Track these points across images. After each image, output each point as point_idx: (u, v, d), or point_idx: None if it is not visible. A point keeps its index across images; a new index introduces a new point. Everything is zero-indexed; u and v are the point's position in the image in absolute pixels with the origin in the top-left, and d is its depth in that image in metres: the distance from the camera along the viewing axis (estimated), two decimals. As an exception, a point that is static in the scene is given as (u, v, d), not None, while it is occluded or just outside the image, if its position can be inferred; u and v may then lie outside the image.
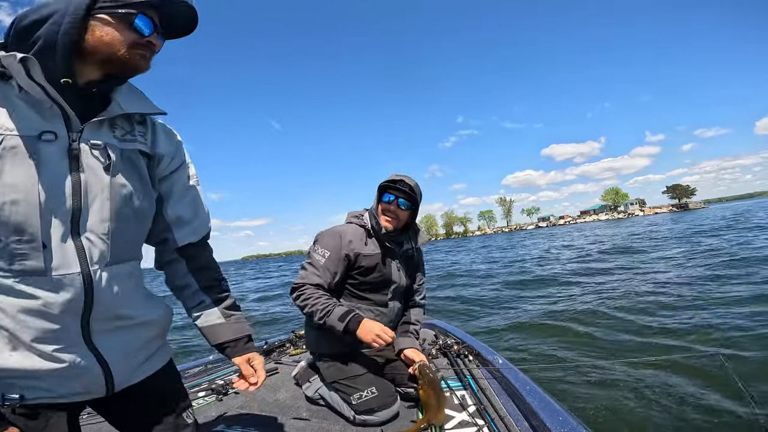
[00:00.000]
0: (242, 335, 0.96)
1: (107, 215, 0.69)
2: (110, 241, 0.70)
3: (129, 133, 0.76)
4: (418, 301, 1.91)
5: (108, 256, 0.71)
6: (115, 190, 0.70)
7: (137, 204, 0.75)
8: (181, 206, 0.88)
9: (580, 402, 2.67)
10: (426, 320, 2.93)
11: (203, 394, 1.89)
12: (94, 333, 0.71)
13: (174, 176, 0.87)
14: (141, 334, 0.81)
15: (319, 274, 1.57)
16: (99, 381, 0.73)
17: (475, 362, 1.93)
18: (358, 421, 1.46)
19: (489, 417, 1.35)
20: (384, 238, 1.66)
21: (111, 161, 0.70)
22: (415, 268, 1.86)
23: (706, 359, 3.00)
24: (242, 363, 0.96)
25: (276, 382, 2.04)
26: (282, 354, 2.61)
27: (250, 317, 8.33)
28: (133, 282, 0.79)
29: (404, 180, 1.65)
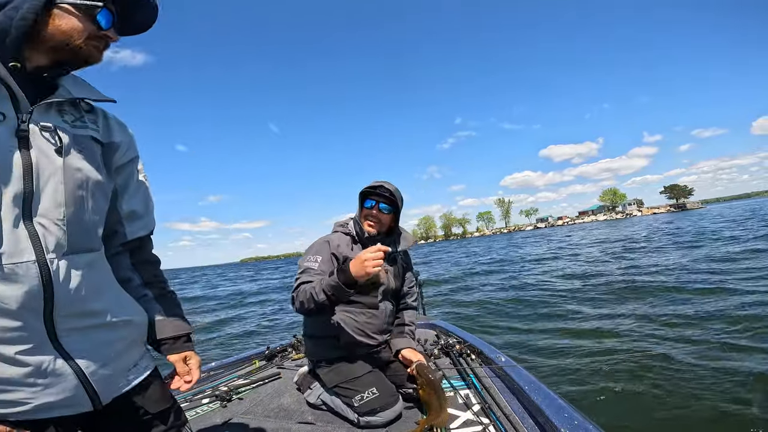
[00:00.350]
0: (182, 333, 0.93)
1: (62, 199, 0.65)
2: (66, 227, 0.66)
3: (78, 119, 0.74)
4: (410, 303, 1.93)
5: (65, 244, 0.66)
6: (69, 174, 0.67)
7: (94, 190, 0.72)
8: (136, 201, 0.88)
9: (586, 398, 2.66)
10: (427, 321, 2.93)
11: (207, 401, 1.88)
12: (61, 332, 0.66)
13: (128, 168, 0.86)
14: (117, 335, 0.76)
15: (312, 276, 1.59)
16: (78, 390, 0.68)
17: (477, 361, 1.93)
18: (362, 423, 1.46)
19: (494, 415, 1.35)
20: (369, 242, 1.69)
21: (63, 144, 0.67)
22: (403, 270, 1.89)
23: (714, 351, 3.01)
24: (178, 361, 0.92)
25: (279, 387, 2.03)
26: (284, 359, 2.60)
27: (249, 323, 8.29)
28: (98, 275, 0.74)
29: (384, 185, 1.70)
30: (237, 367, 2.51)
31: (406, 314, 1.90)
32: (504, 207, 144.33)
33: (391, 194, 1.68)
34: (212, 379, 2.27)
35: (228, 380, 2.24)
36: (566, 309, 5.80)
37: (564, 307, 5.89)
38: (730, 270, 6.99)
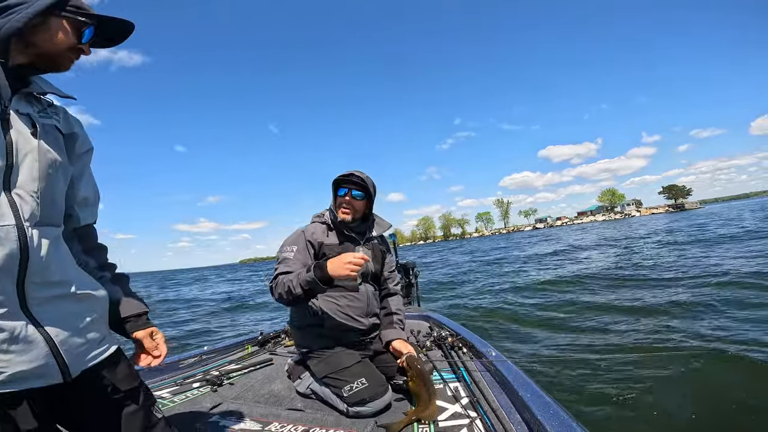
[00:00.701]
0: (143, 311, 0.98)
1: (36, 175, 0.73)
2: (39, 200, 0.73)
3: (43, 111, 0.82)
4: (392, 288, 1.96)
5: (38, 215, 0.73)
6: (42, 153, 0.75)
7: (60, 171, 0.80)
8: (88, 188, 0.94)
9: (572, 395, 2.70)
10: (421, 312, 2.95)
11: (198, 385, 1.89)
12: (31, 300, 0.70)
13: (85, 159, 0.93)
14: (84, 308, 0.81)
15: (290, 266, 1.64)
16: (48, 359, 0.72)
17: (468, 354, 1.94)
18: (351, 413, 1.47)
19: (482, 409, 1.36)
20: (342, 227, 1.77)
21: (37, 128, 0.76)
22: (382, 254, 1.92)
23: (698, 354, 3.05)
24: (145, 337, 0.96)
25: (271, 373, 2.05)
26: (277, 345, 2.62)
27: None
28: (63, 249, 0.81)
29: (354, 173, 1.77)
30: (229, 352, 2.53)
31: (391, 302, 1.92)
32: (503, 207, 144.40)
33: (362, 181, 1.75)
34: (204, 364, 2.29)
35: (219, 365, 2.25)
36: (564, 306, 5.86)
37: (561, 306, 5.93)
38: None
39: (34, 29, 0.75)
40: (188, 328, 7.98)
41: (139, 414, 0.89)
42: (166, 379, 2.02)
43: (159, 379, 2.02)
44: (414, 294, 3.87)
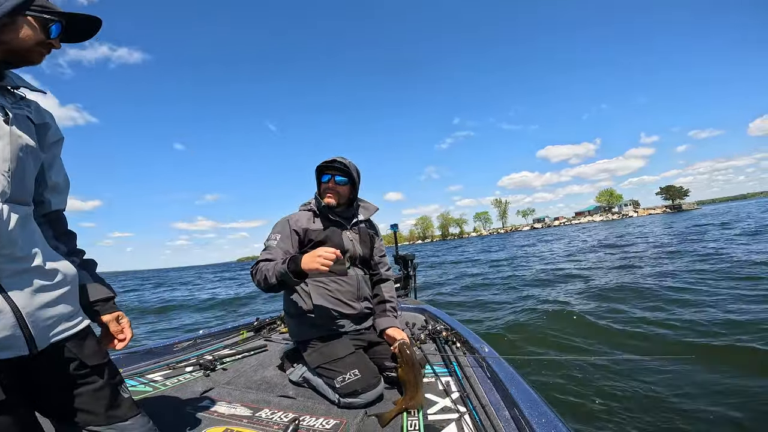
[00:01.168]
0: (110, 295, 1.03)
1: (7, 156, 0.79)
2: (10, 179, 0.78)
3: (16, 103, 0.88)
4: (384, 274, 1.96)
5: (8, 192, 0.78)
6: (14, 138, 0.81)
7: (30, 155, 0.86)
8: (59, 175, 0.99)
9: (561, 395, 2.74)
10: (417, 305, 2.96)
11: (191, 369, 1.90)
12: (2, 271, 0.74)
13: (56, 148, 0.98)
14: (53, 282, 0.85)
15: (271, 253, 1.67)
16: (15, 330, 0.74)
17: (462, 349, 1.95)
18: (342, 404, 1.48)
19: (471, 404, 1.37)
20: (328, 212, 1.80)
21: (9, 116, 0.82)
22: (370, 238, 1.93)
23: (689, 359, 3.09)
24: (111, 320, 1.01)
25: (264, 360, 2.06)
26: (272, 331, 2.63)
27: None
28: (33, 227, 0.86)
29: (336, 159, 1.79)
30: (224, 336, 2.54)
31: (384, 288, 1.92)
32: (501, 207, 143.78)
33: (344, 166, 1.77)
34: (198, 348, 2.30)
35: (213, 349, 2.26)
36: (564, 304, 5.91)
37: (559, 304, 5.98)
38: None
39: (3, 28, 0.82)
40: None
41: (105, 391, 0.91)
42: (159, 362, 2.03)
43: (152, 362, 2.03)
44: (411, 286, 3.88)
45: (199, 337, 2.44)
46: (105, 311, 1.01)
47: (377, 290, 1.92)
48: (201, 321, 8.49)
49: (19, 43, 0.84)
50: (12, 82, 0.89)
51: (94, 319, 0.99)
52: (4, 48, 0.84)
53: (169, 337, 2.44)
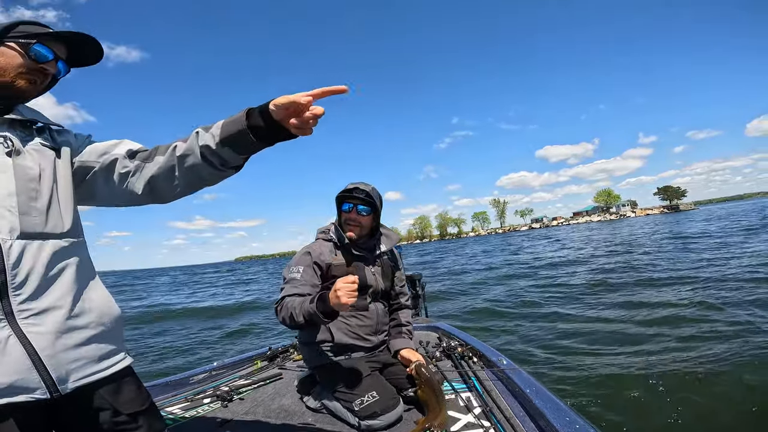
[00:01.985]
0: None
1: (12, 190, 0.75)
2: (18, 214, 0.74)
3: (29, 135, 0.84)
4: (403, 303, 1.94)
5: (18, 228, 0.74)
6: (20, 170, 0.77)
7: (48, 183, 0.81)
8: (119, 150, 0.92)
9: (586, 401, 2.67)
10: (429, 323, 2.94)
11: (208, 401, 1.88)
12: (17, 311, 0.71)
13: (86, 145, 0.93)
14: (80, 323, 0.79)
15: (296, 287, 1.59)
16: (31, 373, 0.70)
17: (479, 364, 1.93)
18: (363, 427, 1.46)
19: (495, 418, 1.35)
20: (350, 247, 1.71)
21: (13, 147, 0.78)
22: (391, 270, 1.89)
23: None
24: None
25: (280, 389, 2.03)
26: (286, 359, 2.60)
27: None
28: (60, 260, 0.79)
29: (359, 187, 1.69)
30: (238, 367, 2.51)
31: (401, 314, 1.91)
32: (499, 207, 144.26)
33: (367, 195, 1.68)
34: (213, 379, 2.28)
35: (229, 380, 2.24)
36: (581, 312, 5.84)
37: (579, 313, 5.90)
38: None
39: None
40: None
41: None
42: (177, 395, 2.01)
43: (170, 395, 2.00)
44: (421, 305, 3.85)
45: (214, 368, 2.42)
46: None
47: (394, 315, 1.91)
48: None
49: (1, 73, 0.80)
50: (21, 114, 0.84)
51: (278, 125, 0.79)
52: None
53: (184, 370, 2.42)
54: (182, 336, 7.56)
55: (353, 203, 1.70)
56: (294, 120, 0.77)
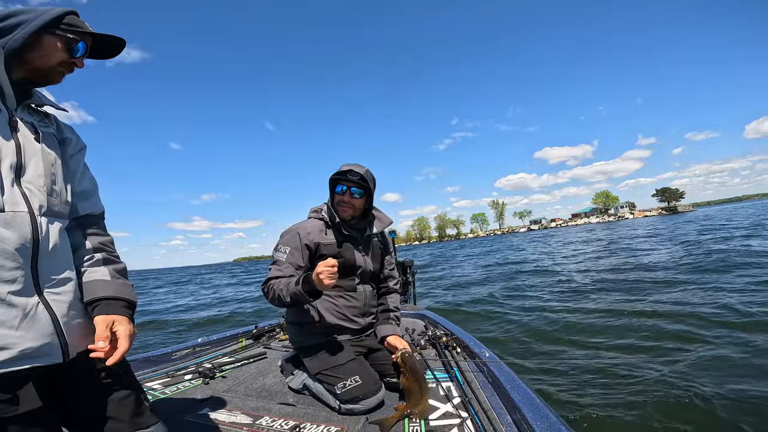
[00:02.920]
0: (123, 297, 0.91)
1: (42, 172, 0.83)
2: (45, 193, 0.83)
3: (42, 120, 0.92)
4: (392, 287, 1.94)
5: (45, 205, 0.82)
6: (45, 155, 0.85)
7: (60, 170, 0.89)
8: (85, 182, 1.00)
9: (563, 399, 2.73)
10: (417, 311, 2.95)
11: (190, 377, 1.89)
12: (43, 281, 0.79)
13: (78, 156, 1.01)
14: (80, 295, 0.88)
15: (281, 269, 1.61)
16: (53, 338, 0.77)
17: (462, 354, 1.95)
18: (343, 411, 1.47)
19: (473, 409, 1.37)
20: (341, 226, 1.71)
21: (39, 134, 0.86)
22: (381, 252, 1.89)
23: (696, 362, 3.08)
24: (100, 323, 0.84)
25: (264, 367, 2.04)
26: (271, 339, 2.61)
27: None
28: (65, 240, 0.88)
29: (353, 169, 1.68)
30: (223, 344, 2.52)
31: (389, 299, 1.91)
32: (498, 209, 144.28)
33: (361, 178, 1.67)
34: (197, 356, 2.28)
35: (213, 357, 2.25)
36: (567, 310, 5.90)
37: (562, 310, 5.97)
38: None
39: (28, 47, 0.84)
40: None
41: (131, 398, 0.92)
42: (158, 371, 2.01)
43: (151, 371, 2.01)
44: (411, 292, 3.87)
45: (198, 344, 2.42)
46: (102, 311, 0.86)
47: (383, 300, 1.92)
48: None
49: (41, 63, 0.86)
50: (38, 100, 0.91)
51: (93, 317, 0.87)
52: (27, 68, 0.86)
53: (167, 345, 2.42)
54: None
55: (347, 185, 1.68)
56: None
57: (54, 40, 0.86)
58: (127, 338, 0.85)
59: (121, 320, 0.87)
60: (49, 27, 0.85)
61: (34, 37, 0.83)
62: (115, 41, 0.97)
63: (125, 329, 0.86)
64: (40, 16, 0.84)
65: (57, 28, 0.86)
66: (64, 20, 0.87)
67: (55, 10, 0.86)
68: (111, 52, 0.99)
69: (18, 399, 0.73)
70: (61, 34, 0.87)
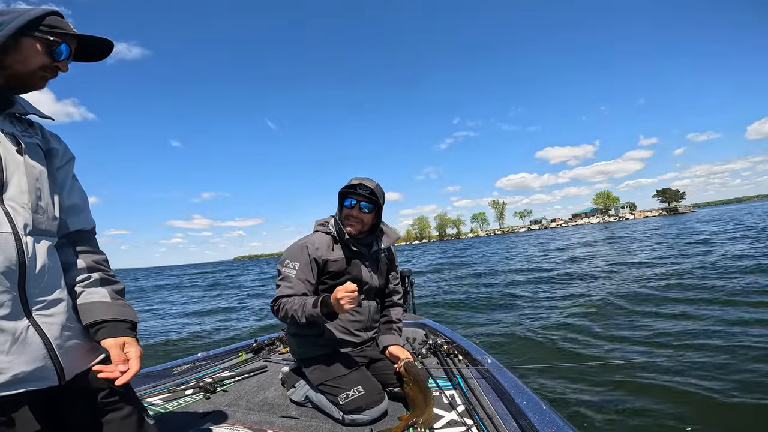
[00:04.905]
0: (125, 318, 0.92)
1: (25, 188, 0.78)
2: (30, 211, 0.78)
3: (26, 130, 0.86)
4: (396, 301, 1.93)
5: (31, 224, 0.78)
6: (29, 169, 0.80)
7: (45, 184, 0.84)
8: (74, 196, 0.95)
9: (568, 402, 2.69)
10: (417, 320, 2.93)
11: (191, 392, 1.87)
12: (32, 303, 0.75)
13: (66, 168, 0.96)
14: (74, 315, 0.86)
15: (292, 286, 1.58)
16: (46, 361, 0.75)
17: (464, 362, 1.93)
18: (347, 421, 1.45)
19: (478, 416, 1.35)
20: (349, 242, 1.68)
21: (22, 146, 0.81)
22: (387, 268, 1.87)
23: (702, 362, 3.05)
24: (113, 347, 0.86)
25: (265, 381, 2.02)
26: (271, 352, 2.59)
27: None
28: (54, 259, 0.84)
29: (364, 183, 1.66)
30: (223, 358, 2.50)
31: (392, 311, 1.90)
32: (498, 208, 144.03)
33: (371, 193, 1.64)
34: (197, 370, 2.26)
35: (213, 372, 2.22)
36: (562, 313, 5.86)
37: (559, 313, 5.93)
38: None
39: (5, 51, 0.78)
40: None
41: (132, 418, 0.90)
42: (158, 386, 1.99)
43: (151, 386, 1.99)
44: (410, 302, 3.85)
45: (198, 359, 2.40)
46: (110, 335, 0.87)
47: (386, 312, 1.90)
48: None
49: (21, 67, 0.80)
50: (21, 108, 0.86)
51: (99, 340, 0.89)
52: (6, 73, 0.80)
53: (167, 361, 2.40)
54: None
55: (357, 199, 1.65)
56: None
57: (33, 43, 0.80)
58: (138, 359, 0.88)
59: (131, 342, 0.90)
60: (28, 29, 0.79)
61: (11, 40, 0.77)
62: (102, 43, 0.91)
63: (136, 351, 0.89)
64: (17, 18, 0.78)
65: (36, 30, 0.80)
66: (44, 21, 0.81)
67: (34, 10, 0.81)
68: (98, 55, 0.93)
69: (14, 422, 0.72)
70: (41, 37, 0.81)
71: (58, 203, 0.88)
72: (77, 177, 1.00)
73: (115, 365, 0.84)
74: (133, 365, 0.86)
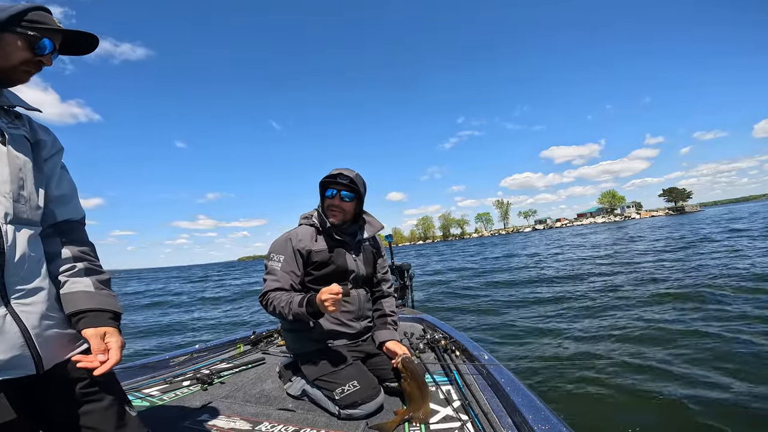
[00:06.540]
0: (108, 308, 0.91)
1: (6, 178, 0.78)
2: (11, 200, 0.78)
3: (11, 122, 0.87)
4: (386, 291, 1.93)
5: (11, 213, 0.78)
6: (11, 159, 0.80)
7: (30, 175, 0.84)
8: (63, 186, 0.96)
9: (563, 400, 2.69)
10: (415, 315, 2.93)
11: (188, 383, 1.88)
12: (11, 292, 0.75)
13: (55, 159, 0.96)
14: (56, 304, 0.85)
15: (278, 278, 1.61)
16: (23, 350, 0.75)
17: (461, 358, 1.93)
18: (343, 416, 1.46)
19: (473, 412, 1.35)
20: (332, 231, 1.70)
21: (5, 137, 0.82)
22: (373, 256, 1.88)
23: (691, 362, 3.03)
24: (94, 336, 0.85)
25: (262, 373, 2.03)
26: (269, 344, 2.60)
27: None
28: (36, 248, 0.84)
29: (343, 173, 1.69)
30: (221, 350, 2.51)
31: (385, 303, 1.90)
32: (503, 208, 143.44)
33: (351, 181, 1.67)
34: (195, 362, 2.27)
35: (211, 363, 2.24)
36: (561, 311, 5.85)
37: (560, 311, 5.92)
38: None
39: None
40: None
41: (112, 409, 0.88)
42: (155, 377, 2.00)
43: (148, 377, 2.00)
44: (408, 296, 3.85)
45: (196, 351, 2.41)
46: (91, 324, 0.87)
47: (378, 305, 1.91)
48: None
49: (2, 63, 0.82)
50: (7, 101, 0.87)
51: (80, 329, 0.88)
52: None
53: (165, 352, 2.42)
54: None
55: (337, 189, 1.69)
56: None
57: (14, 39, 0.82)
58: (119, 350, 0.86)
59: (112, 332, 0.88)
60: (9, 25, 0.81)
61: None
62: (87, 38, 0.92)
63: (117, 341, 0.87)
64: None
65: (18, 26, 0.82)
66: (26, 17, 0.83)
67: (16, 6, 0.82)
68: (84, 49, 0.95)
69: None
70: (22, 32, 0.82)
71: (43, 193, 0.88)
72: (66, 168, 1.00)
73: (94, 355, 0.83)
74: (113, 356, 0.84)
